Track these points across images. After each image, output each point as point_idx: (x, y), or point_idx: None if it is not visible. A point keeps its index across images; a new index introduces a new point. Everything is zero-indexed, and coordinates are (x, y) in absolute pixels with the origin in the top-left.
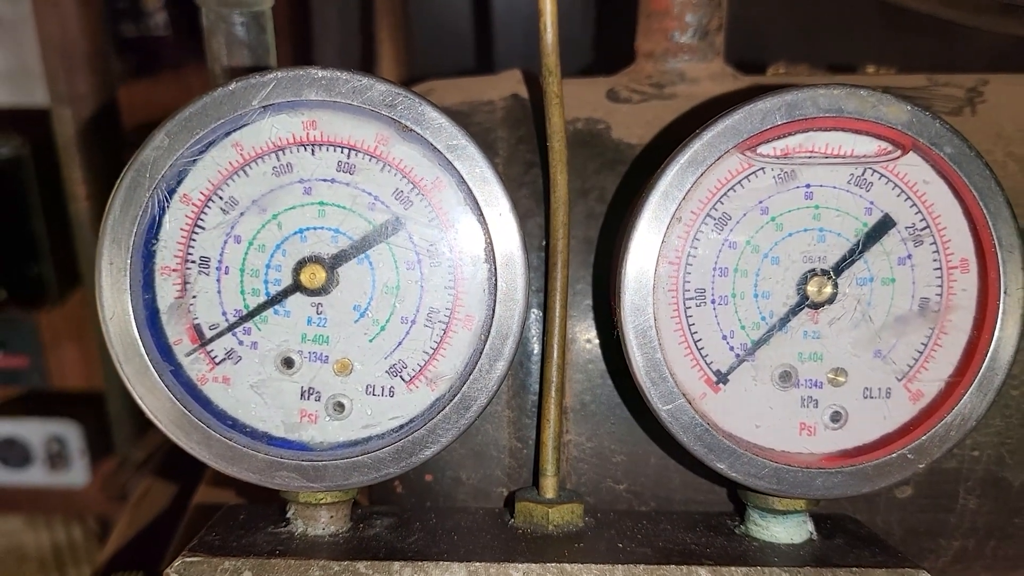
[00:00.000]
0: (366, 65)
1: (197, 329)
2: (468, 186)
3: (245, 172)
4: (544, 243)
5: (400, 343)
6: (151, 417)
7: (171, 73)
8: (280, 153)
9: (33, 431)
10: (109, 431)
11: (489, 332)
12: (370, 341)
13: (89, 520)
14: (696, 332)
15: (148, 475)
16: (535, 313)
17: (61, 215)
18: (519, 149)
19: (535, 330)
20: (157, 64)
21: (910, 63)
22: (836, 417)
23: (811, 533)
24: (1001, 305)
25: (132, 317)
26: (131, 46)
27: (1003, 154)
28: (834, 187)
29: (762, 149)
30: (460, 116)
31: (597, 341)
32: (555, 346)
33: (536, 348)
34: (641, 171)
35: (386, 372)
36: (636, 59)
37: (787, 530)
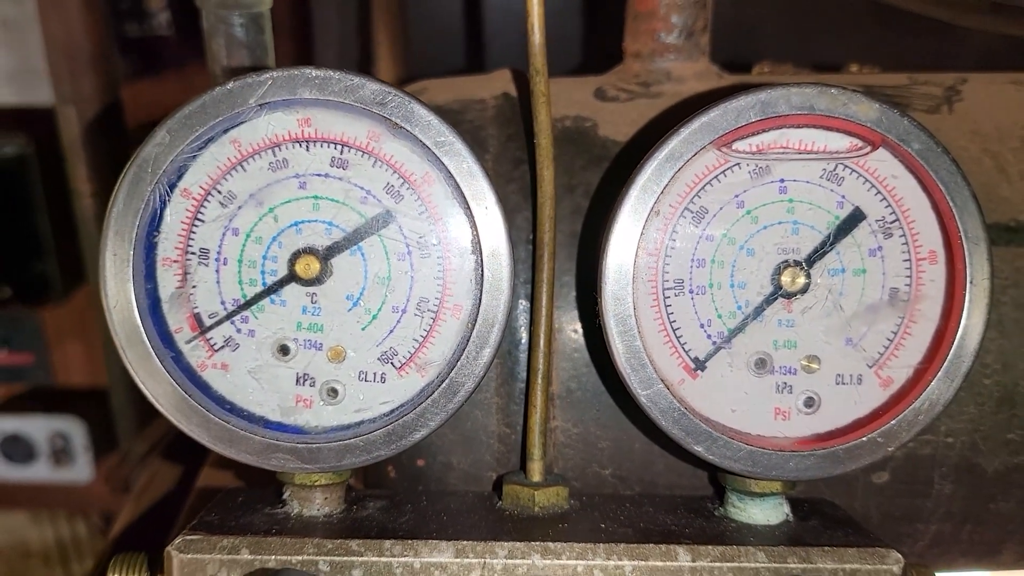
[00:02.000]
0: (364, 65)
1: (197, 318)
2: (456, 181)
3: (243, 167)
4: (532, 236)
5: (391, 331)
6: (153, 401)
7: (174, 72)
8: (276, 149)
9: (37, 427)
10: (113, 426)
11: (476, 321)
12: (362, 329)
13: (93, 516)
14: (675, 321)
15: (150, 467)
16: (523, 304)
17: (65, 213)
18: (508, 146)
19: (523, 320)
20: (160, 63)
21: (902, 63)
22: (810, 402)
23: (787, 515)
24: (968, 295)
25: (135, 306)
26: (135, 46)
27: (979, 151)
28: (807, 182)
29: (738, 145)
30: (452, 114)
31: (582, 330)
32: (542, 335)
33: (524, 337)
34: (625, 167)
35: (378, 359)
36: (624, 59)
37: (764, 512)
